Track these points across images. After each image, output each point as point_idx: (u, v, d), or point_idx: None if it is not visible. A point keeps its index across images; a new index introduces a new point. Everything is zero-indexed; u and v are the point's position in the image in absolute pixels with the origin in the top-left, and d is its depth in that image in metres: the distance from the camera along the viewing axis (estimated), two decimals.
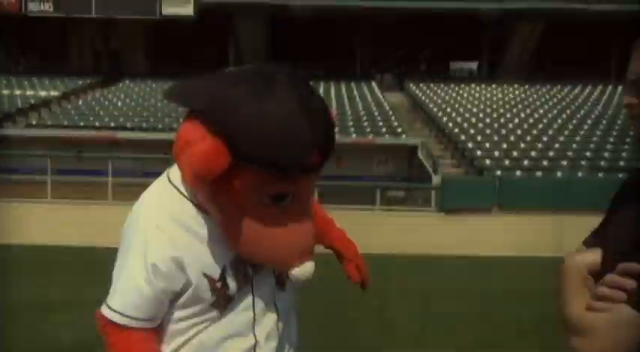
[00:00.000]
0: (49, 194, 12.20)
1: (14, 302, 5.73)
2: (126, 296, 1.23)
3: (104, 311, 1.25)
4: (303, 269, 1.20)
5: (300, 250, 1.20)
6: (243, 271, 1.24)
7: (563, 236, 8.89)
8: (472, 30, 23.38)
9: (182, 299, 1.24)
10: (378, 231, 10.91)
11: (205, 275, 1.22)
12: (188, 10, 21.73)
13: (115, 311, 1.24)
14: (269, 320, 1.29)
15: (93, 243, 8.87)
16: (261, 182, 1.10)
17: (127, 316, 1.23)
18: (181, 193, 1.23)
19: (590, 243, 1.22)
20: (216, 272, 1.22)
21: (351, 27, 23.66)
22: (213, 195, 1.15)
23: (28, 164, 14.61)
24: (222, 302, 1.24)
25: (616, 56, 24.37)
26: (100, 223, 9.75)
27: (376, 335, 5.24)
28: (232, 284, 1.23)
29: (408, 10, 22.32)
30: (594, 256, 1.12)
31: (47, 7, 22.01)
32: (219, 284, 1.22)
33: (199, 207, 1.21)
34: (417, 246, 10.33)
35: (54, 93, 20.73)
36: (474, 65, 27.72)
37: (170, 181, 1.25)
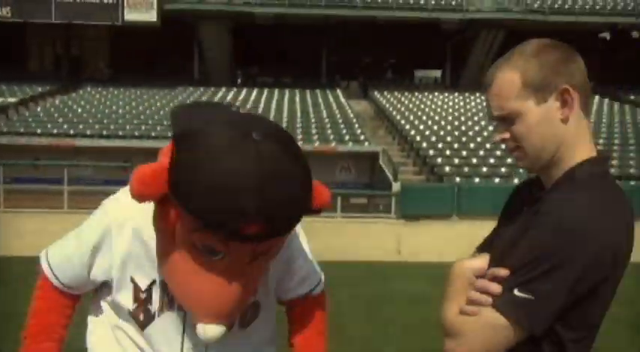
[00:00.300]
0: (1, 203, 11.90)
1: None
2: (58, 255, 1.38)
3: (42, 255, 1.42)
4: (206, 330, 1.13)
5: (209, 310, 1.13)
6: (169, 295, 1.22)
7: None
8: (436, 39, 23.81)
9: (105, 293, 1.31)
10: (338, 237, 10.97)
11: (132, 280, 1.24)
12: (151, 16, 21.52)
13: (47, 261, 1.39)
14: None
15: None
16: (192, 227, 1.07)
17: (51, 270, 1.38)
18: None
19: (480, 248, 1.28)
20: (143, 283, 1.24)
21: (317, 35, 23.81)
22: (157, 216, 1.15)
23: None
24: (142, 317, 1.24)
25: None
26: (56, 233, 9.56)
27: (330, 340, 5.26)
28: (155, 300, 1.23)
29: (374, 19, 22.60)
30: (481, 261, 1.17)
31: (5, 12, 21.51)
32: (143, 295, 1.23)
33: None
34: (376, 253, 10.41)
35: (11, 99, 20.24)
36: (438, 73, 28.19)
37: None
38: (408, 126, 18.54)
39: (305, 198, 1.11)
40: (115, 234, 1.25)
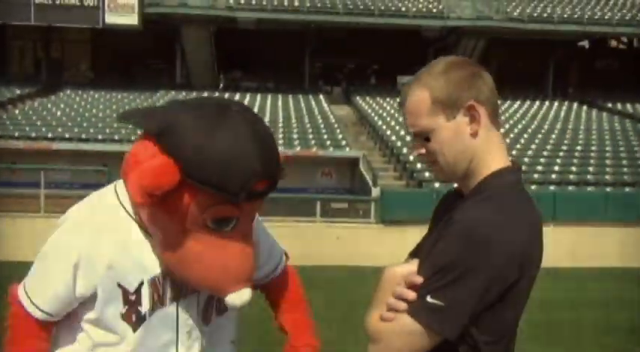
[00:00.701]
0: None
1: None
2: (39, 286, 1.31)
3: (19, 290, 1.34)
4: (239, 296, 1.22)
5: (236, 276, 1.21)
6: (159, 292, 1.27)
7: None
8: (418, 45, 24.02)
9: (93, 303, 1.28)
10: (318, 242, 11.00)
11: (120, 286, 1.25)
12: (133, 19, 21.41)
13: (26, 293, 1.32)
14: (195, 346, 1.31)
15: (23, 257, 8.57)
16: (207, 204, 1.15)
17: (34, 304, 1.31)
18: (123, 207, 1.27)
19: (412, 254, 1.32)
20: (132, 286, 1.25)
21: (300, 40, 23.88)
22: (157, 214, 1.18)
23: None
24: (134, 318, 1.26)
25: (553, 73, 25.53)
26: (33, 236, 9.45)
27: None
28: (145, 301, 1.26)
29: (356, 25, 22.74)
30: (411, 267, 1.21)
31: None
32: (132, 298, 1.26)
33: (140, 224, 1.25)
34: (355, 257, 10.45)
35: None
36: None
37: (117, 194, 1.30)
38: (389, 132, 18.66)
39: (278, 151, 1.29)
40: (89, 261, 1.25)
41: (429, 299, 1.11)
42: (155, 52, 24.25)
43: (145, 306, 1.27)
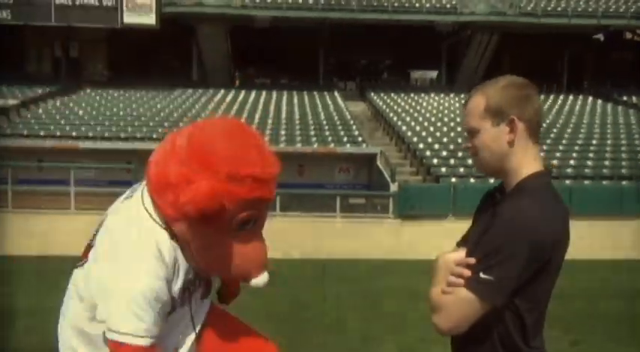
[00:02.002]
0: (9, 204, 12.13)
1: None
2: (133, 318, 1.35)
3: (123, 338, 1.35)
4: (262, 279, 1.52)
5: (258, 265, 1.51)
6: (190, 290, 1.53)
7: None
8: (431, 41, 24.12)
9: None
10: (337, 236, 11.26)
11: (172, 297, 1.46)
12: (150, 19, 21.73)
13: (130, 334, 1.35)
14: (199, 320, 1.59)
15: (55, 252, 8.93)
16: (241, 209, 1.37)
17: (143, 337, 1.37)
18: (156, 222, 1.42)
19: (459, 244, 1.61)
20: (176, 294, 1.47)
21: (314, 37, 24.07)
22: (197, 227, 1.37)
23: None
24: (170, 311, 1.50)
25: (567, 67, 25.51)
26: (63, 232, 9.82)
27: (325, 333, 5.56)
28: (177, 299, 1.49)
29: (370, 21, 22.88)
30: (460, 254, 1.51)
31: (5, 15, 21.69)
32: (177, 299, 1.50)
33: (172, 235, 1.42)
34: (373, 251, 10.69)
35: (12, 101, 20.42)
36: (433, 74, 28.50)
37: (145, 209, 1.44)
38: (404, 128, 18.84)
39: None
40: (163, 270, 1.41)
41: (481, 275, 1.40)
42: (171, 50, 24.59)
43: (176, 302, 1.50)
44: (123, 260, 1.37)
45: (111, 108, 20.40)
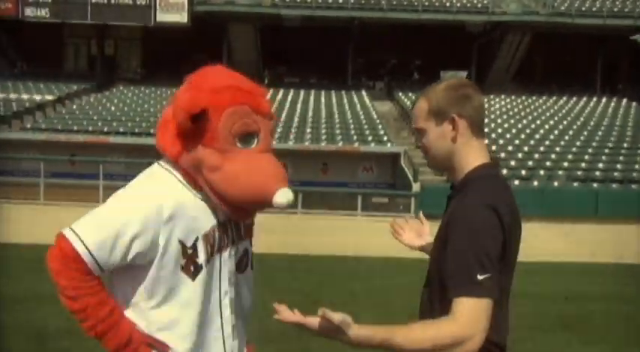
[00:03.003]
0: (41, 196, 12.57)
1: (7, 295, 6.13)
2: (96, 242, 1.38)
3: (72, 237, 1.38)
4: (284, 194, 1.44)
5: (275, 175, 1.46)
6: (211, 244, 1.53)
7: (536, 242, 9.32)
8: (462, 40, 23.95)
9: (153, 259, 1.45)
10: (358, 234, 11.34)
11: (180, 242, 1.48)
12: (182, 18, 22.19)
13: (85, 246, 1.37)
14: (232, 292, 1.59)
15: None
16: (232, 121, 1.44)
17: (82, 242, 1.37)
18: (173, 175, 1.51)
19: (435, 238, 1.68)
20: (189, 241, 1.50)
21: (343, 36, 24.15)
22: (194, 145, 1.45)
23: (23, 167, 15.00)
24: (192, 269, 1.50)
25: (601, 68, 24.99)
26: None
27: None
28: (202, 253, 1.51)
29: (400, 21, 22.85)
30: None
31: (43, 13, 22.42)
32: (190, 251, 1.50)
33: (188, 181, 1.50)
34: (393, 249, 10.71)
35: (49, 97, 21.10)
36: (463, 75, 28.27)
37: (159, 164, 1.55)
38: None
39: None
40: (154, 219, 1.44)
41: (479, 277, 1.40)
42: (203, 49, 24.97)
43: (201, 258, 1.49)
44: (121, 196, 1.47)
45: (142, 105, 20.89)
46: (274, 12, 22.23)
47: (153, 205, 1.44)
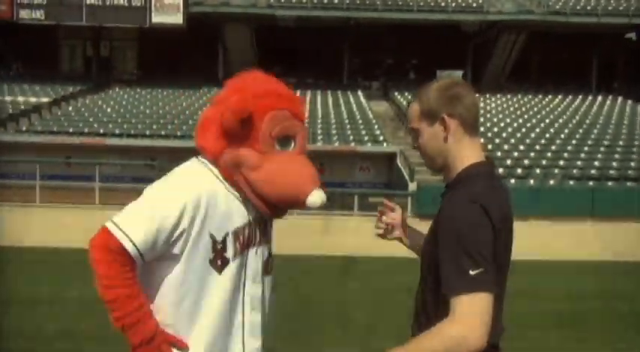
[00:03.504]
0: (37, 198, 12.55)
1: (4, 298, 6.13)
2: (141, 233, 1.44)
3: (117, 231, 1.44)
4: (318, 195, 1.54)
5: (310, 177, 1.56)
6: (240, 241, 1.58)
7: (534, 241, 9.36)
8: (458, 40, 23.98)
9: (184, 250, 1.50)
10: (355, 234, 11.35)
11: (211, 236, 1.54)
12: (178, 19, 22.15)
13: (131, 240, 1.44)
14: (256, 290, 1.63)
15: (79, 245, 9.23)
16: (273, 124, 1.54)
17: (125, 233, 1.44)
18: (210, 170, 1.57)
19: (429, 230, 1.69)
20: (219, 236, 1.55)
21: (339, 36, 24.17)
22: (237, 147, 1.52)
23: (19, 169, 14.97)
24: (220, 263, 1.55)
25: (596, 67, 25.06)
26: (87, 227, 10.14)
27: (334, 327, 5.68)
28: (230, 248, 1.56)
29: (395, 21, 22.88)
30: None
31: (38, 15, 22.36)
32: (219, 246, 1.56)
33: (224, 178, 1.56)
34: (390, 249, 10.73)
35: (44, 99, 21.06)
36: (459, 74, 28.29)
37: (200, 162, 1.60)
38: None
39: None
40: (192, 209, 1.50)
41: (471, 273, 1.40)
42: (198, 50, 24.98)
43: (229, 253, 1.55)
44: (160, 187, 1.53)
45: (138, 106, 20.86)
46: (269, 12, 22.23)
47: (191, 196, 1.50)
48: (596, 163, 16.04)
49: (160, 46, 24.21)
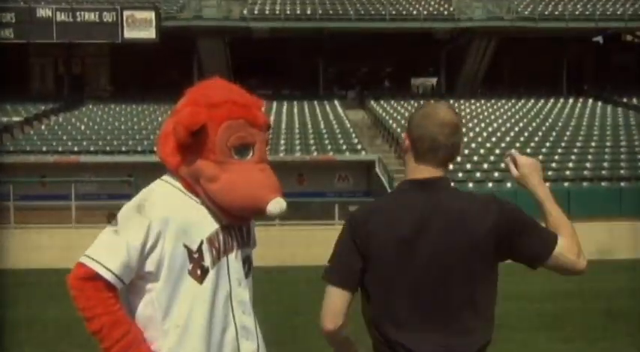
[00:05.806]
0: (12, 219, 12.29)
1: None
2: (109, 252, 1.48)
3: (83, 260, 1.48)
4: (278, 204, 1.54)
5: (269, 186, 1.55)
6: (216, 247, 1.57)
7: None
8: (430, 47, 24.28)
9: (161, 265, 1.50)
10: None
11: (185, 246, 1.53)
12: (150, 34, 22.01)
13: (94, 260, 1.47)
14: (243, 294, 1.62)
15: (56, 266, 9.04)
16: (229, 134, 1.53)
17: (104, 267, 1.46)
18: (172, 185, 1.59)
19: None
20: (194, 245, 1.55)
21: (314, 47, 24.28)
22: (192, 158, 1.53)
23: None
24: (199, 272, 1.54)
25: (567, 70, 25.59)
26: (64, 246, 9.96)
27: (318, 337, 5.64)
28: (207, 257, 1.55)
29: (369, 30, 23.07)
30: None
31: (8, 34, 22.02)
32: (196, 255, 1.55)
33: (188, 189, 1.57)
34: None
35: (16, 118, 20.70)
36: (434, 81, 28.63)
37: (162, 180, 1.62)
38: (403, 135, 18.93)
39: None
40: (157, 225, 1.51)
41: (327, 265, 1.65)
42: (173, 64, 24.86)
43: (207, 261, 1.55)
44: (125, 211, 1.55)
45: (112, 122, 20.64)
46: (243, 25, 22.26)
47: (153, 213, 1.51)
48: (570, 164, 16.32)
49: (133, 61, 24.03)
